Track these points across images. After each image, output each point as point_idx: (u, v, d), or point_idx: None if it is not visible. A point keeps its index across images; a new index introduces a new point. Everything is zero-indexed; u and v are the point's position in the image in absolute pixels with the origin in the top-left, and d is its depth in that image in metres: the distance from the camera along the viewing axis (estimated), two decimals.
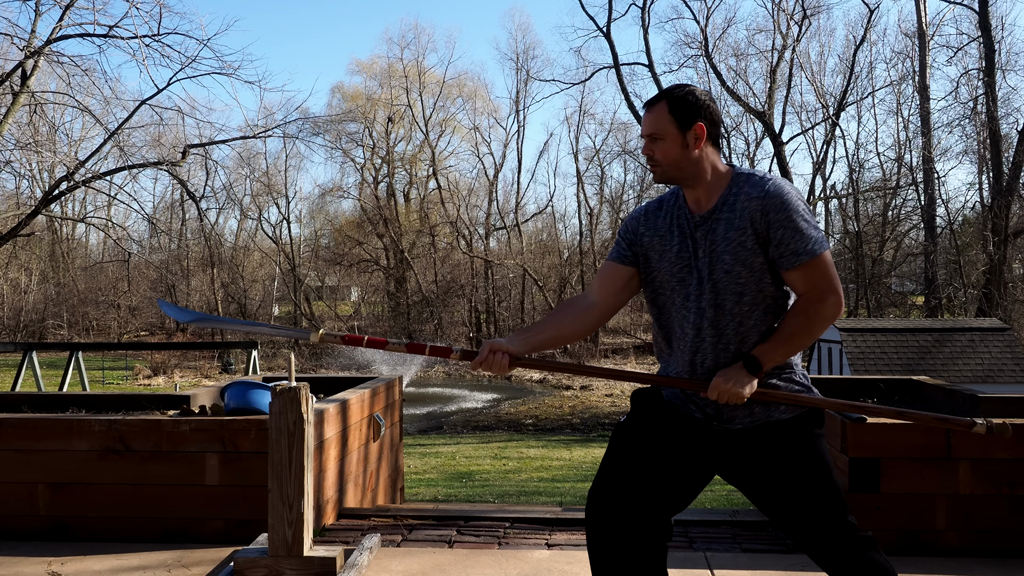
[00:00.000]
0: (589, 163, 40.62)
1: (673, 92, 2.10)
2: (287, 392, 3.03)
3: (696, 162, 2.08)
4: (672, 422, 2.14)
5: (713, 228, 2.07)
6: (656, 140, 2.08)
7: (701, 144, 2.07)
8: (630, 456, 2.11)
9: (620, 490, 2.07)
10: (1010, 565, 3.33)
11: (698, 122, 2.06)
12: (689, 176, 2.09)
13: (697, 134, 2.06)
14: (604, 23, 31.51)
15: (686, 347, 2.11)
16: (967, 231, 31.67)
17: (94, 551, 3.52)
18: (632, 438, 2.14)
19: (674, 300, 2.13)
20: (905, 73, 33.69)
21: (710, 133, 2.09)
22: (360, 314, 41.03)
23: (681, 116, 2.06)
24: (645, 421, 2.16)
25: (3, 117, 15.32)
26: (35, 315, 37.62)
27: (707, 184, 2.09)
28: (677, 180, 2.11)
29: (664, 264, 2.13)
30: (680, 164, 2.07)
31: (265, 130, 19.43)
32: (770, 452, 2.08)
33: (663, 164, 2.08)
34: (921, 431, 3.49)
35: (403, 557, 3.46)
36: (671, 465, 2.10)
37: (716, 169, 2.10)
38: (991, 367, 16.74)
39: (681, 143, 2.06)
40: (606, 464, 2.14)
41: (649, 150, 2.10)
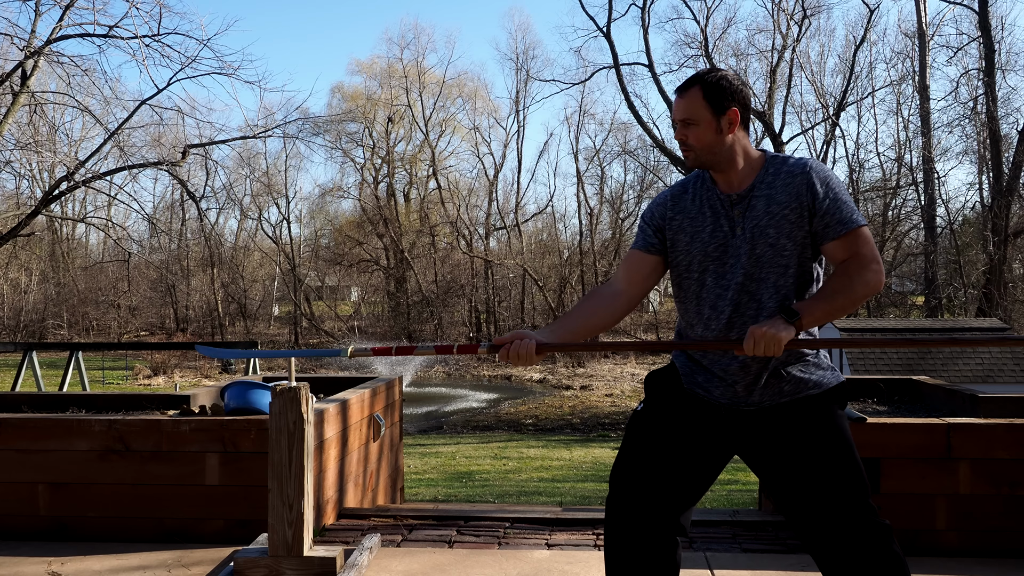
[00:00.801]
0: (589, 163, 40.63)
1: (707, 77, 2.08)
2: (287, 392, 3.03)
3: (730, 146, 2.07)
4: (690, 409, 2.12)
5: (752, 205, 2.06)
6: (689, 125, 2.07)
7: (735, 129, 2.06)
8: (649, 448, 2.09)
9: (641, 485, 2.06)
10: (1010, 565, 3.33)
11: (732, 107, 2.06)
12: (722, 160, 2.08)
13: (731, 119, 2.05)
14: (604, 23, 31.51)
15: (721, 325, 2.08)
16: (967, 231, 31.66)
17: (94, 551, 3.52)
18: (651, 428, 2.12)
19: (705, 280, 2.11)
20: (905, 73, 33.70)
21: (742, 117, 2.08)
22: (360, 314, 41.02)
23: (715, 101, 2.05)
24: (662, 409, 2.14)
25: (3, 117, 15.32)
26: (35, 315, 37.61)
27: (740, 167, 2.09)
28: (710, 165, 2.10)
29: (697, 244, 2.11)
30: (714, 149, 2.06)
31: (265, 130, 19.43)
32: (794, 428, 2.05)
33: (697, 149, 2.07)
34: (921, 431, 3.49)
35: (403, 557, 3.46)
36: (691, 456, 2.08)
37: (748, 153, 2.10)
38: (991, 367, 16.74)
39: (715, 128, 2.05)
40: (625, 457, 2.12)
41: (682, 135, 2.09)
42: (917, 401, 4.83)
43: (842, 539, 1.97)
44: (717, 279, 2.09)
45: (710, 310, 2.11)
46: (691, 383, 2.14)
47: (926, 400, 4.76)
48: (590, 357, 32.07)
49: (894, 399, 4.90)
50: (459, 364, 31.03)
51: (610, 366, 30.82)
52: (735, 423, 2.10)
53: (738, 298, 2.06)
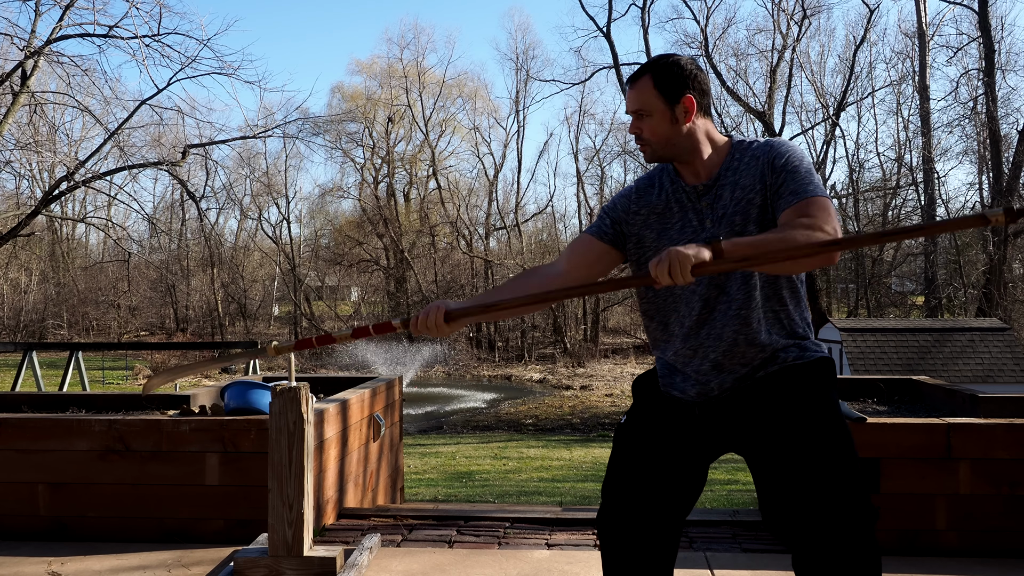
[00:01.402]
0: (589, 163, 40.62)
1: (657, 64, 1.95)
2: (287, 392, 3.03)
3: (688, 136, 1.93)
4: (670, 413, 2.01)
5: (719, 194, 1.94)
6: (643, 117, 1.94)
7: (691, 117, 1.93)
8: (636, 461, 1.99)
9: (631, 499, 1.97)
10: (1010, 565, 3.33)
11: (686, 94, 1.92)
12: (682, 151, 1.95)
13: (686, 107, 1.92)
14: (604, 23, 31.51)
15: (692, 321, 1.96)
16: (967, 231, 31.64)
17: (94, 551, 3.52)
18: (635, 440, 2.02)
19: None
20: (905, 73, 33.71)
21: (700, 104, 1.94)
22: (360, 314, 41.02)
23: (667, 89, 1.92)
24: (645, 418, 2.04)
25: (3, 117, 15.32)
26: (35, 315, 37.61)
27: (704, 156, 1.95)
28: (670, 158, 1.97)
29: (664, 241, 1.98)
30: (671, 140, 1.94)
31: (265, 130, 19.43)
32: (771, 401, 1.89)
33: (652, 143, 1.95)
34: (921, 431, 3.49)
35: (403, 557, 3.46)
36: (677, 463, 1.98)
37: (712, 139, 1.97)
38: (991, 367, 16.74)
39: (670, 118, 1.92)
40: (613, 471, 2.02)
41: (636, 128, 1.96)
42: (917, 401, 4.83)
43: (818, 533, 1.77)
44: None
45: (682, 307, 1.98)
46: (667, 385, 2.03)
47: (926, 400, 4.76)
48: (590, 357, 32.06)
49: (894, 399, 4.90)
50: (459, 364, 31.04)
51: (610, 366, 30.84)
52: (714, 417, 1.97)
53: (707, 293, 1.93)
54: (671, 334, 2.03)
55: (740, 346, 1.93)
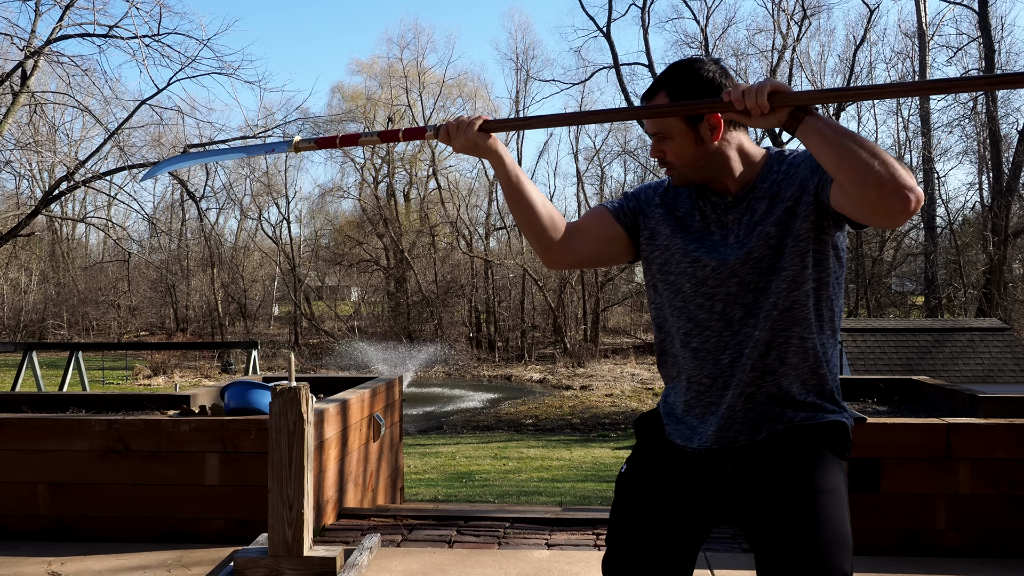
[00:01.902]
0: (589, 163, 40.67)
1: (672, 76, 1.67)
2: (287, 392, 3.03)
3: (718, 155, 1.67)
4: (672, 465, 1.78)
5: (751, 208, 1.68)
6: (664, 140, 1.68)
7: (719, 135, 1.65)
8: (638, 518, 1.77)
9: (634, 559, 1.77)
10: (1010, 565, 3.33)
11: None
12: (713, 171, 1.69)
13: (712, 124, 1.64)
14: (604, 23, 31.53)
15: (711, 341, 1.71)
16: (967, 231, 31.67)
17: (94, 551, 3.52)
18: (636, 495, 1.80)
19: (683, 286, 1.73)
20: (905, 73, 33.69)
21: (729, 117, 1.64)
22: (360, 314, 41.03)
23: None
24: (647, 470, 1.82)
25: (3, 117, 15.32)
26: (35, 315, 37.61)
27: (736, 173, 1.69)
28: (701, 181, 1.71)
29: (677, 240, 1.74)
30: (698, 163, 1.67)
31: (265, 130, 19.40)
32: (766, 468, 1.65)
33: (678, 167, 1.70)
34: (921, 431, 3.49)
35: (403, 557, 3.46)
36: (680, 520, 1.76)
37: (745, 152, 1.69)
38: (991, 367, 16.74)
39: (694, 139, 1.65)
40: (615, 528, 1.82)
41: (658, 152, 1.71)
42: (917, 401, 4.83)
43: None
44: (697, 285, 1.71)
45: (689, 323, 1.73)
46: (671, 432, 1.80)
47: (926, 400, 4.77)
48: (590, 358, 32.05)
49: (894, 399, 4.90)
50: (459, 364, 31.03)
51: (610, 366, 30.82)
52: (716, 477, 1.73)
53: (730, 312, 1.69)
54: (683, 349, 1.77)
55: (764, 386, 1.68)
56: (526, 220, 1.83)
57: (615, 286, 39.30)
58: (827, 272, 1.69)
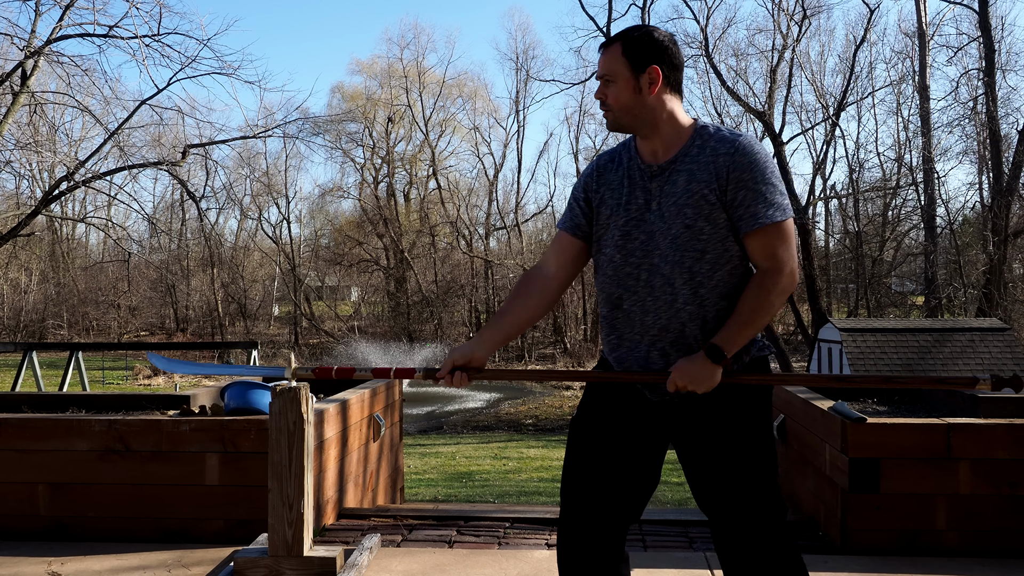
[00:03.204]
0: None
1: (629, 32, 1.94)
2: (287, 392, 3.03)
3: (650, 109, 1.91)
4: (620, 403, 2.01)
5: (672, 180, 1.91)
6: (609, 83, 1.93)
7: (656, 89, 1.90)
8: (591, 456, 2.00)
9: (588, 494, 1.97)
10: (1010, 565, 3.33)
11: (653, 64, 1.90)
12: (643, 123, 1.93)
13: (652, 77, 1.90)
14: (604, 23, 31.44)
15: (635, 308, 1.95)
16: (967, 231, 31.67)
17: (94, 551, 3.52)
18: (589, 434, 2.02)
19: (615, 257, 1.97)
20: (905, 73, 33.73)
21: (668, 78, 1.92)
22: (360, 314, 41.03)
23: (635, 58, 1.90)
24: (597, 411, 2.03)
25: (3, 117, 15.31)
26: (35, 315, 37.62)
27: (664, 134, 1.93)
28: (630, 128, 1.95)
29: (613, 218, 1.97)
30: (632, 110, 1.91)
31: (265, 130, 19.42)
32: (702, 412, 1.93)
33: (615, 109, 1.93)
34: (921, 431, 3.49)
35: (403, 557, 3.46)
36: (632, 454, 1.98)
37: (675, 118, 1.94)
38: (991, 367, 16.74)
39: (634, 87, 1.90)
40: (569, 467, 2.04)
41: (601, 94, 1.95)
42: (917, 401, 4.83)
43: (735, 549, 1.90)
44: (626, 256, 1.95)
45: (621, 289, 1.96)
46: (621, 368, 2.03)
47: (926, 400, 4.77)
48: (590, 357, 32.06)
49: (894, 399, 4.90)
50: None
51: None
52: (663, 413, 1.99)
53: (651, 280, 1.92)
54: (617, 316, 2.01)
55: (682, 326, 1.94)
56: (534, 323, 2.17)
57: None
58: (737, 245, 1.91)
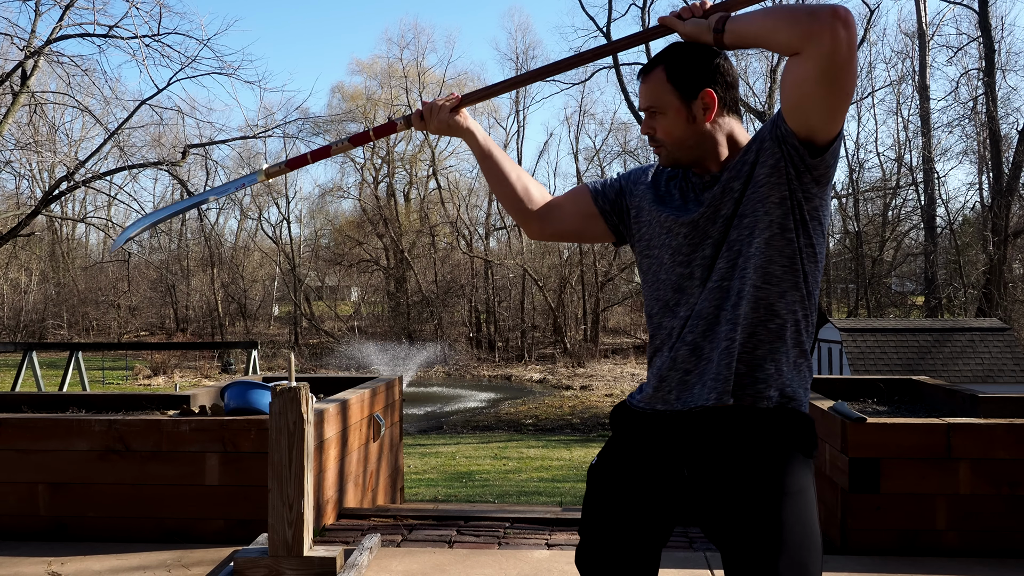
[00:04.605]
0: (589, 163, 40.63)
1: (672, 53, 1.67)
2: (287, 392, 3.03)
3: (708, 137, 1.65)
4: (645, 453, 1.72)
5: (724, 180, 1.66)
6: (656, 115, 1.66)
7: (712, 115, 1.63)
8: (609, 510, 1.74)
9: (607, 548, 1.74)
10: (1010, 565, 3.33)
11: (706, 87, 1.62)
12: (702, 155, 1.67)
13: (706, 103, 1.62)
14: (604, 23, 31.43)
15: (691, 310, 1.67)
16: (967, 231, 31.68)
17: (94, 551, 3.52)
18: (607, 487, 1.76)
19: (663, 258, 1.71)
20: (905, 73, 33.75)
21: (724, 99, 1.64)
22: (360, 314, 41.03)
23: (683, 83, 1.63)
24: (618, 462, 1.77)
25: (3, 117, 15.31)
26: (35, 315, 37.61)
27: (723, 156, 1.67)
28: (688, 162, 1.69)
29: (659, 213, 1.73)
30: (687, 142, 1.65)
31: (265, 130, 19.38)
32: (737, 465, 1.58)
33: (667, 144, 1.67)
34: (921, 431, 3.49)
35: (403, 557, 3.46)
36: (648, 513, 1.71)
37: (735, 139, 1.67)
38: (991, 367, 16.74)
39: (686, 117, 1.64)
40: (587, 519, 1.79)
41: (649, 128, 1.69)
42: (917, 401, 4.83)
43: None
44: (674, 255, 1.68)
45: (673, 292, 1.69)
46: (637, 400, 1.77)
47: (926, 400, 4.77)
48: (590, 358, 32.05)
49: (894, 399, 4.90)
50: (459, 364, 31.04)
51: (610, 366, 30.84)
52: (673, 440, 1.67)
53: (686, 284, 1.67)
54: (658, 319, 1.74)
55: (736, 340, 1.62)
56: (501, 191, 1.89)
57: (615, 286, 39.28)
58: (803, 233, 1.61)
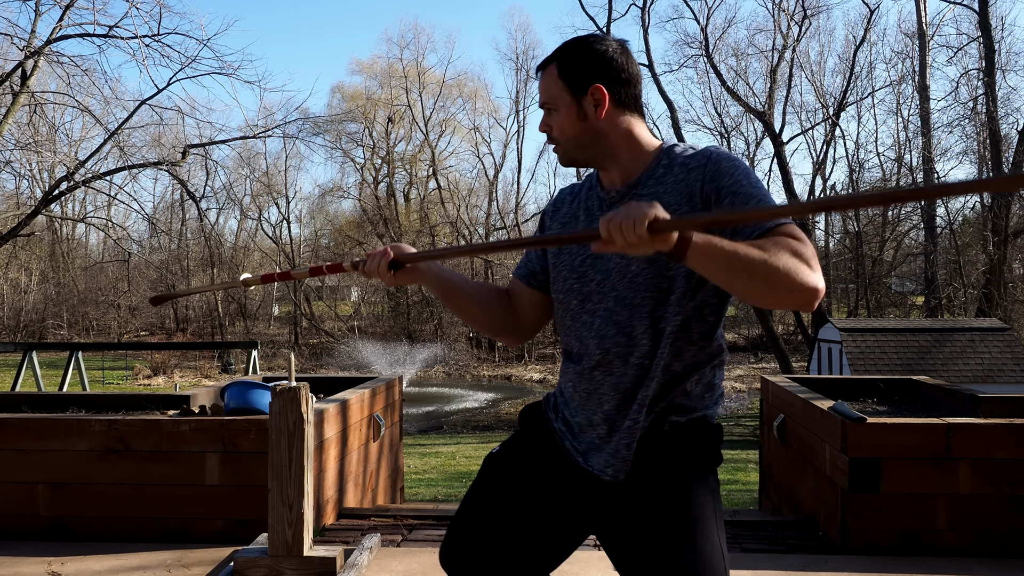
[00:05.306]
0: None
1: (565, 49, 1.60)
2: (287, 392, 3.03)
3: (602, 134, 1.58)
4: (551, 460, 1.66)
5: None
6: (551, 112, 1.61)
7: (604, 111, 1.56)
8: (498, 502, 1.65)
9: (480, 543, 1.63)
10: (1010, 565, 3.33)
11: (595, 83, 1.56)
12: (597, 153, 1.60)
13: (596, 99, 1.56)
14: (604, 23, 31.46)
15: (592, 364, 1.61)
16: (967, 231, 31.67)
17: (94, 551, 3.52)
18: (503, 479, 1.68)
19: (571, 303, 1.64)
20: (905, 73, 33.73)
21: (617, 95, 1.57)
22: (360, 314, 41.03)
23: (573, 79, 1.57)
24: (521, 457, 1.69)
25: (3, 117, 15.31)
26: (35, 315, 37.61)
27: (622, 159, 1.59)
28: (584, 160, 1.63)
29: (563, 257, 1.65)
30: (580, 139, 1.59)
31: (265, 130, 19.40)
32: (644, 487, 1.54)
33: (561, 141, 1.61)
34: (921, 431, 3.49)
35: (403, 557, 3.46)
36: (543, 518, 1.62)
37: (634, 139, 1.59)
38: (991, 367, 16.74)
39: (577, 113, 1.58)
40: (469, 505, 1.68)
41: (545, 126, 1.63)
42: (917, 401, 4.83)
43: None
44: (582, 302, 1.61)
45: (577, 342, 1.64)
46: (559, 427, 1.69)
47: (926, 400, 4.77)
48: None
49: (894, 399, 4.90)
50: (459, 364, 31.04)
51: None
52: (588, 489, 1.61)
53: (605, 329, 1.58)
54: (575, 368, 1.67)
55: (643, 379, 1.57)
56: (474, 322, 1.77)
57: None
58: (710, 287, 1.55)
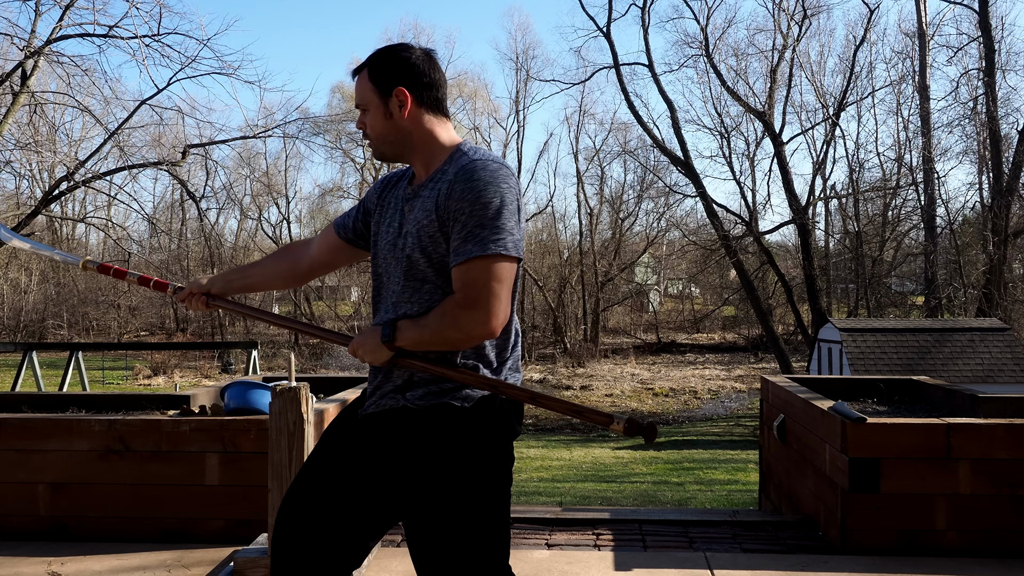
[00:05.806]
0: (589, 163, 40.64)
1: (375, 56, 1.83)
2: (287, 392, 3.03)
3: (405, 133, 1.81)
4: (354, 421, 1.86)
5: (414, 205, 1.80)
6: (365, 112, 1.84)
7: (407, 111, 1.79)
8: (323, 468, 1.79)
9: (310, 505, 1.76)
10: (1010, 565, 3.33)
11: (399, 86, 1.78)
12: (402, 149, 1.83)
13: (400, 100, 1.78)
14: (604, 23, 31.45)
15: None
16: (967, 231, 31.66)
17: (94, 551, 3.52)
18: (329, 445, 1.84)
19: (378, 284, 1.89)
20: (905, 73, 33.72)
21: (419, 97, 1.80)
22: (360, 314, 41.02)
23: (381, 82, 1.79)
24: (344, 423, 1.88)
25: (3, 117, 15.31)
26: (35, 315, 37.62)
27: (423, 157, 1.82)
28: (392, 156, 1.85)
29: (378, 237, 1.89)
30: (387, 137, 1.82)
31: (265, 130, 19.39)
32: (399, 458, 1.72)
33: (372, 139, 1.84)
34: (921, 431, 3.49)
35: (403, 557, 3.46)
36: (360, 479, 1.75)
37: (435, 139, 1.82)
38: (991, 367, 16.74)
39: (384, 112, 1.80)
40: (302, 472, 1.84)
41: (361, 124, 1.86)
42: (917, 401, 4.83)
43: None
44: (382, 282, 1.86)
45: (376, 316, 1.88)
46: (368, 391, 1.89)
47: (926, 400, 4.77)
48: (590, 357, 32.07)
49: (894, 399, 4.90)
50: None
51: (610, 366, 30.84)
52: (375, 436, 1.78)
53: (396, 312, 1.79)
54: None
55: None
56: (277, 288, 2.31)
57: (615, 286, 39.30)
58: None
